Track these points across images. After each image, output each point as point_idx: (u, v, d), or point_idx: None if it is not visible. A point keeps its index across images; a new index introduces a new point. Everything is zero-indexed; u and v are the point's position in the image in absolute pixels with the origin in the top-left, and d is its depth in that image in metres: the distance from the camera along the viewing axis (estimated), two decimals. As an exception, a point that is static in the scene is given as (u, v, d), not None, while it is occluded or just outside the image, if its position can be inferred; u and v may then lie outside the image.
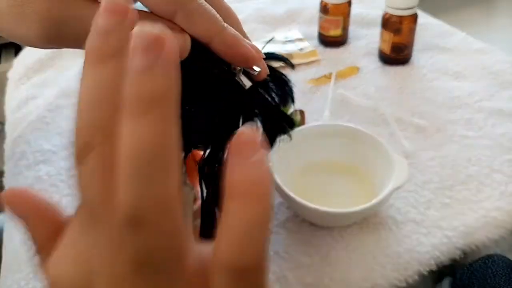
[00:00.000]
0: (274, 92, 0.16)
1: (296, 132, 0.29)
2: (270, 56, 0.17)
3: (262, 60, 0.15)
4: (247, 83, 0.15)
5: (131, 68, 0.08)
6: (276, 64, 0.17)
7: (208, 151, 0.16)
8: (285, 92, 0.17)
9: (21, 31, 0.13)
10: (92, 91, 0.09)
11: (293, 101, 0.17)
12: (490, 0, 1.37)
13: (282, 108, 0.17)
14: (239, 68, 0.14)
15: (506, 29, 1.21)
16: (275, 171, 0.26)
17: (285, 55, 0.21)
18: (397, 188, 0.25)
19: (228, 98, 0.15)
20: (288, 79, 0.17)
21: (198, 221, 0.18)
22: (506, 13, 1.32)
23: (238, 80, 0.14)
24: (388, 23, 0.40)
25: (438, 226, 0.27)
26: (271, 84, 0.16)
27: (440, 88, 0.39)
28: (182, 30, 0.13)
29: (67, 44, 0.14)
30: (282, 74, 0.17)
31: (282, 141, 0.17)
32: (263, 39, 0.45)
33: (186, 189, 0.18)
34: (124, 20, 0.09)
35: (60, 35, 0.13)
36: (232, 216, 0.08)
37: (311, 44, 0.46)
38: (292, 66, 0.19)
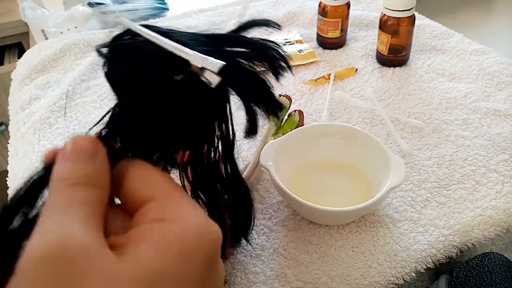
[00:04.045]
0: (261, 64, 0.15)
1: (295, 132, 0.30)
2: (251, 24, 0.16)
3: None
4: (214, 80, 0.14)
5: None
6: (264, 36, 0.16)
7: (188, 153, 0.16)
8: (271, 59, 0.16)
9: None
10: None
11: (288, 65, 0.16)
12: (487, 2, 1.38)
13: (278, 75, 0.16)
14: (199, 67, 0.14)
15: (503, 31, 1.21)
16: (274, 171, 0.26)
17: None
18: (394, 187, 0.25)
19: (192, 101, 0.14)
20: (273, 45, 0.16)
21: None
22: (503, 15, 1.32)
23: (204, 79, 0.14)
24: (386, 24, 0.41)
25: (434, 224, 0.27)
26: (253, 60, 0.15)
27: (437, 89, 0.40)
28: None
29: None
30: (264, 43, 0.16)
31: (271, 124, 0.17)
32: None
33: None
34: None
35: None
36: None
37: (310, 46, 0.46)
38: (278, 26, 0.18)
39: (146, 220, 0.12)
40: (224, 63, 0.14)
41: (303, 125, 0.31)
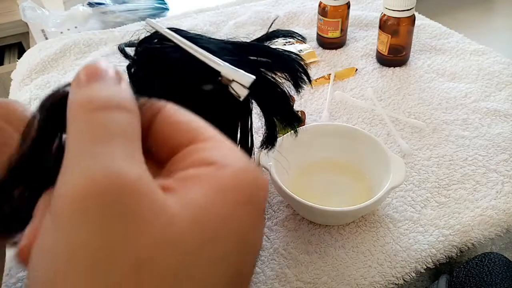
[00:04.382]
0: (283, 77, 0.16)
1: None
2: (276, 35, 0.16)
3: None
4: (243, 93, 0.13)
5: None
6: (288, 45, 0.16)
7: None
8: (293, 71, 0.16)
9: None
10: None
11: (309, 79, 0.16)
12: (487, 2, 1.38)
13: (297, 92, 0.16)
14: (230, 79, 0.13)
15: (503, 31, 1.21)
16: (275, 171, 0.26)
17: None
18: (394, 187, 0.25)
19: (218, 111, 0.14)
20: (295, 57, 0.16)
21: None
22: (503, 15, 1.32)
23: (232, 91, 0.14)
24: (386, 24, 0.41)
25: (434, 224, 0.27)
26: (277, 72, 0.16)
27: (437, 89, 0.40)
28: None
29: None
30: (288, 54, 0.16)
31: (287, 137, 0.17)
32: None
33: None
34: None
35: None
36: None
37: (310, 46, 0.46)
38: (303, 38, 0.18)
39: (188, 164, 0.10)
40: (254, 77, 0.13)
41: (304, 125, 0.31)
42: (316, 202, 0.24)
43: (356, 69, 0.43)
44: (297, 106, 0.38)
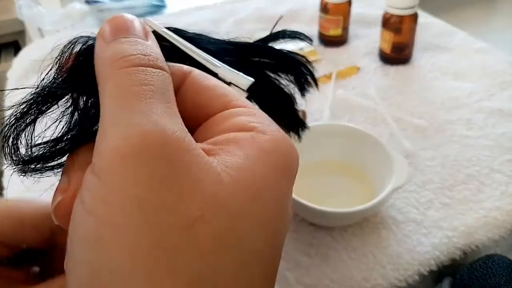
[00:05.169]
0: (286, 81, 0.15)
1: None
2: (281, 35, 0.16)
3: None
4: (247, 82, 0.13)
5: None
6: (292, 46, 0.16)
7: None
8: (298, 73, 0.15)
9: None
10: None
11: (315, 82, 0.16)
12: (490, 0, 1.37)
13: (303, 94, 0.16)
14: (227, 82, 0.13)
15: (507, 29, 1.21)
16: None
17: None
18: (397, 188, 0.25)
19: None
20: (301, 58, 0.15)
21: None
22: (507, 13, 1.32)
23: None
24: (389, 22, 0.40)
25: (438, 226, 0.27)
26: (279, 75, 0.15)
27: (440, 88, 0.39)
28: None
29: None
30: (293, 56, 0.15)
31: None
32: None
33: None
34: None
35: None
36: None
37: (311, 44, 0.46)
38: (310, 40, 0.17)
39: (227, 128, 0.10)
40: (252, 80, 0.13)
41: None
42: (317, 203, 0.24)
43: (358, 68, 0.42)
44: (298, 106, 0.37)
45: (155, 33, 0.14)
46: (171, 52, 0.13)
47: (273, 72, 0.15)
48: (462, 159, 0.31)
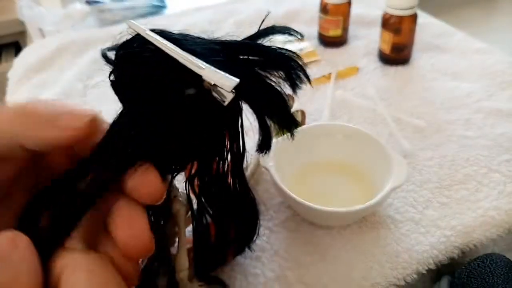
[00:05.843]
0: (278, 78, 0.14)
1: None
2: (270, 32, 0.15)
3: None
4: (227, 97, 0.13)
5: None
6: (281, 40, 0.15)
7: (195, 165, 0.15)
8: (289, 69, 0.15)
9: None
10: None
11: (307, 77, 0.15)
12: (490, 0, 1.37)
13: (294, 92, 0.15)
14: (211, 84, 0.13)
15: (506, 29, 1.21)
16: (275, 171, 0.26)
17: None
18: (396, 188, 0.25)
19: (203, 115, 0.13)
20: (291, 54, 0.15)
21: (190, 227, 0.18)
22: (506, 13, 1.32)
23: (216, 95, 0.13)
24: (388, 23, 0.40)
25: (436, 225, 0.27)
26: (271, 72, 0.14)
27: (439, 88, 0.39)
28: None
29: None
30: (282, 51, 0.15)
31: (283, 140, 0.17)
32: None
33: (177, 206, 0.18)
34: None
35: None
36: None
37: (311, 44, 0.46)
38: (301, 36, 0.16)
39: None
40: (237, 80, 0.13)
41: (304, 125, 0.31)
42: (317, 203, 0.24)
43: (358, 68, 0.42)
44: (297, 106, 0.37)
45: (139, 35, 0.14)
46: (155, 55, 0.13)
47: (262, 69, 0.15)
48: (461, 159, 0.32)
